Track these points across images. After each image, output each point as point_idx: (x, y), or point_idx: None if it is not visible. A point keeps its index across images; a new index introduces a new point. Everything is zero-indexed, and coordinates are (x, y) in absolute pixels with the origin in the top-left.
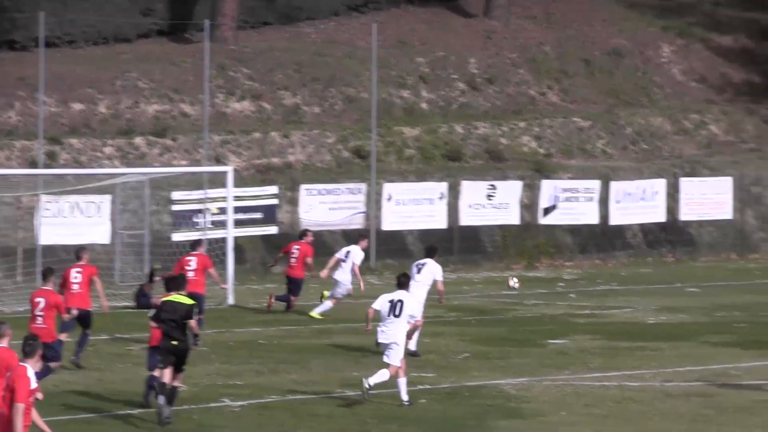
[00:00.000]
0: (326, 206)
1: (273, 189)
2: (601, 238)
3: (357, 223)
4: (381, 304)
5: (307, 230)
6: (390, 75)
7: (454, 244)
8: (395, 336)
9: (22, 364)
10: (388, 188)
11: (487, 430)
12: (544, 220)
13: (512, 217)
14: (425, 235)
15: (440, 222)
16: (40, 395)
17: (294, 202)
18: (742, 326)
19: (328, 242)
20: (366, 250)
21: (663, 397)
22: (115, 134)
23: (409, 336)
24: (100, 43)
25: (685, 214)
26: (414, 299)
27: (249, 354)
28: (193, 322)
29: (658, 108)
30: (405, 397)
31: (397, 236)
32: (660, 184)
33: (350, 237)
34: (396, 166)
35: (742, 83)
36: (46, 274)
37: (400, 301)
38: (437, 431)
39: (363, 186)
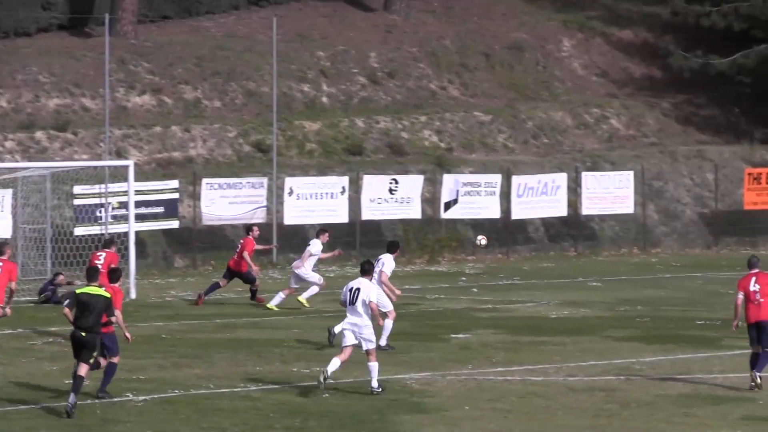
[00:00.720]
0: (227, 200)
1: (174, 183)
2: (503, 233)
3: (258, 217)
4: (344, 293)
5: (253, 225)
6: (290, 69)
7: (355, 238)
8: (358, 322)
9: None
10: (290, 182)
11: (390, 425)
12: (445, 215)
13: (414, 211)
14: (327, 228)
15: (342, 216)
16: None
17: (195, 196)
18: (644, 320)
19: (230, 236)
20: (269, 244)
21: (566, 392)
22: (16, 128)
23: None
24: (0, 36)
25: (587, 208)
26: (373, 286)
27: (152, 348)
28: (115, 317)
29: (559, 102)
30: (375, 384)
31: (298, 230)
32: (561, 179)
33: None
34: (297, 160)
35: (643, 77)
36: None
37: (358, 288)
38: (340, 426)
39: (264, 180)
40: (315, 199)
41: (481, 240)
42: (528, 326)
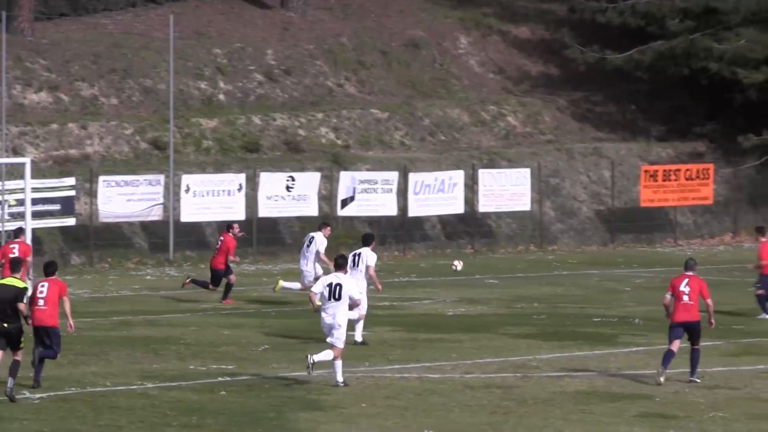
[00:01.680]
0: (124, 198)
1: (71, 180)
2: (400, 230)
3: (155, 215)
4: (320, 287)
5: (233, 223)
6: (187, 66)
7: (253, 235)
8: (337, 318)
9: None
10: (187, 180)
11: (286, 422)
12: (342, 212)
13: (311, 208)
14: (224, 226)
15: (239, 213)
16: None
17: (92, 193)
18: (541, 318)
19: (127, 234)
20: (166, 242)
21: (463, 389)
22: None
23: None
24: None
25: (484, 205)
26: (353, 280)
27: None
28: (22, 305)
29: (455, 100)
30: (340, 379)
31: (195, 228)
32: (458, 176)
33: (148, 229)
34: (194, 157)
35: (540, 75)
36: None
37: (339, 284)
38: (237, 423)
39: (161, 178)
40: (212, 197)
41: (457, 265)
42: (425, 324)
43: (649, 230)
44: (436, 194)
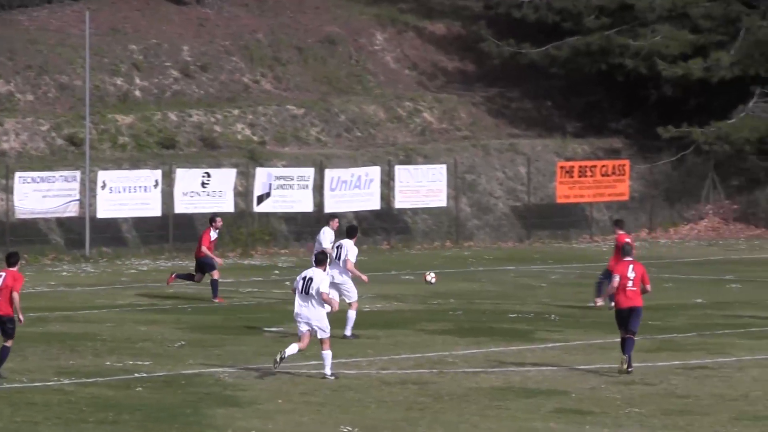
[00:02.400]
0: (40, 194)
1: None
2: (316, 226)
3: (72, 210)
4: (297, 282)
5: (216, 216)
6: (103, 63)
7: (169, 231)
8: (310, 312)
9: None
10: (103, 176)
11: (203, 418)
12: (258, 208)
13: (227, 204)
14: (140, 222)
15: (155, 210)
16: None
17: (8, 190)
18: (457, 314)
19: (43, 230)
20: (82, 238)
21: (379, 385)
22: None
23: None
24: None
25: (400, 201)
26: (325, 275)
27: None
28: None
29: (371, 96)
30: (328, 371)
31: (111, 224)
32: (375, 172)
33: (64, 225)
34: (110, 153)
35: (456, 71)
36: None
37: (310, 278)
38: (153, 419)
39: (77, 174)
40: (128, 193)
41: (430, 278)
42: (341, 319)
43: (565, 226)
44: (353, 190)
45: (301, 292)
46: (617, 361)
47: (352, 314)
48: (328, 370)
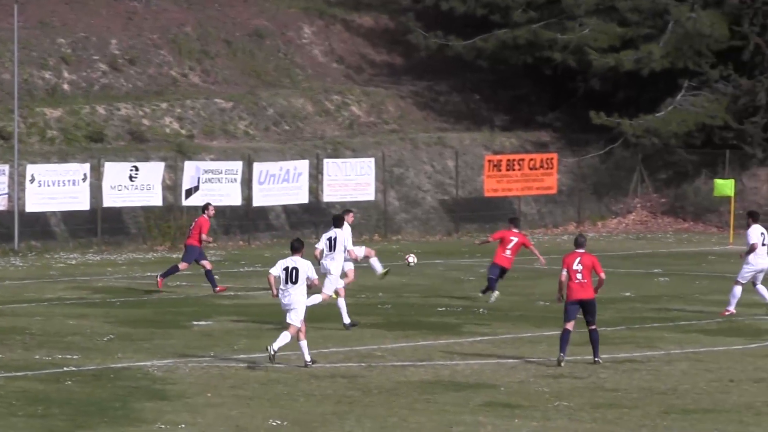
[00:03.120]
0: None
1: None
2: (245, 220)
3: (0, 204)
4: (278, 270)
5: (208, 204)
6: (31, 56)
7: (97, 225)
8: (295, 301)
9: None
10: (31, 170)
11: (132, 412)
12: (187, 202)
13: (155, 198)
14: (69, 216)
15: (83, 203)
16: None
17: None
18: (386, 307)
19: None
20: (11, 232)
21: (308, 379)
22: None
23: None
24: None
25: (329, 195)
26: (307, 262)
27: None
28: None
29: (299, 89)
30: (308, 358)
31: (40, 218)
32: (303, 166)
33: None
34: (39, 147)
35: (384, 64)
36: None
37: (295, 269)
38: (82, 413)
39: (6, 167)
40: (56, 187)
41: (412, 260)
42: (270, 313)
43: (493, 220)
44: (281, 184)
45: (287, 282)
46: (546, 354)
47: (342, 304)
48: (307, 357)
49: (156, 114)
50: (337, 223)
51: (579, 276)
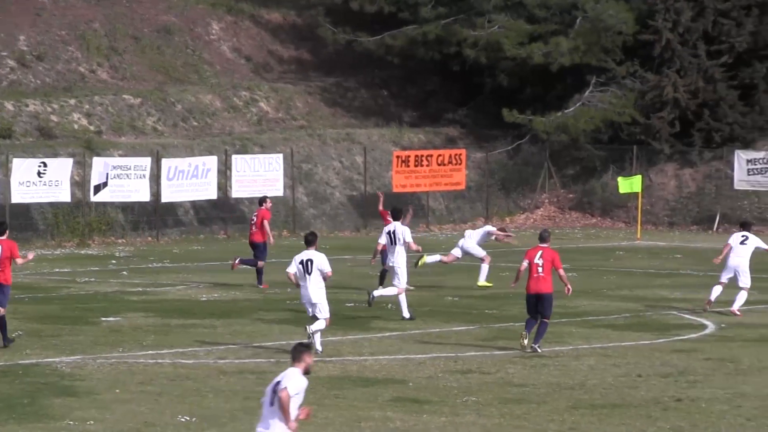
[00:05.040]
0: None
1: None
2: (153, 216)
3: None
4: (294, 267)
5: (266, 197)
6: None
7: (6, 221)
8: (314, 295)
9: None
10: None
11: (40, 408)
12: (95, 198)
13: (63, 194)
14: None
15: None
16: None
17: None
18: (295, 303)
19: None
20: None
21: (217, 375)
22: None
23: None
24: None
25: (237, 191)
26: (322, 255)
27: None
28: None
29: (208, 85)
30: (319, 347)
31: None
32: (211, 162)
33: None
34: None
35: (292, 60)
36: None
37: (309, 260)
38: None
39: None
40: None
41: (422, 257)
42: (179, 309)
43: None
44: (190, 180)
45: (304, 275)
46: (455, 350)
47: (402, 299)
48: (318, 345)
49: (64, 110)
50: (396, 216)
51: (540, 270)
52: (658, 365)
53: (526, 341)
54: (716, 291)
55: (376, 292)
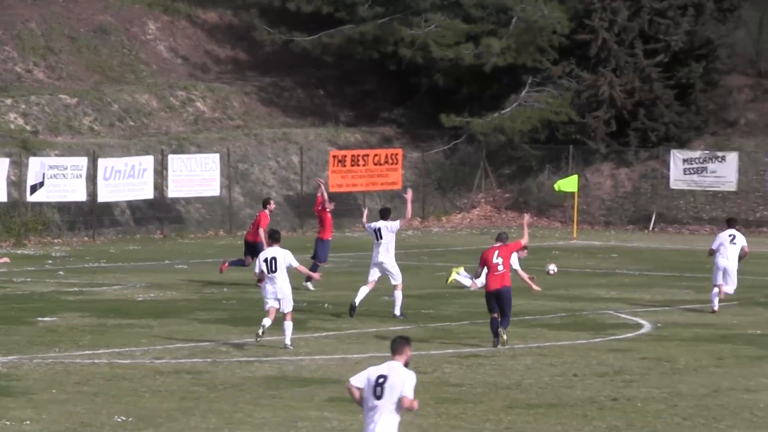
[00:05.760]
0: None
1: None
2: (90, 216)
3: None
4: (259, 265)
5: (269, 199)
6: None
7: None
8: (281, 290)
9: None
10: None
11: None
12: (32, 198)
13: None
14: None
15: None
16: None
17: None
18: (231, 303)
19: None
20: None
21: (153, 375)
22: None
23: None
24: None
25: (173, 191)
26: (286, 251)
27: None
28: None
29: (144, 85)
30: (288, 341)
31: None
32: (148, 161)
33: None
34: None
35: (228, 60)
36: None
37: (274, 258)
38: None
39: None
40: None
41: (552, 269)
42: (115, 309)
43: (338, 215)
44: (126, 180)
45: (269, 272)
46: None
47: (398, 294)
48: (288, 341)
49: (0, 110)
50: (385, 215)
51: (500, 268)
52: (595, 365)
53: (506, 336)
54: (716, 297)
55: (397, 312)
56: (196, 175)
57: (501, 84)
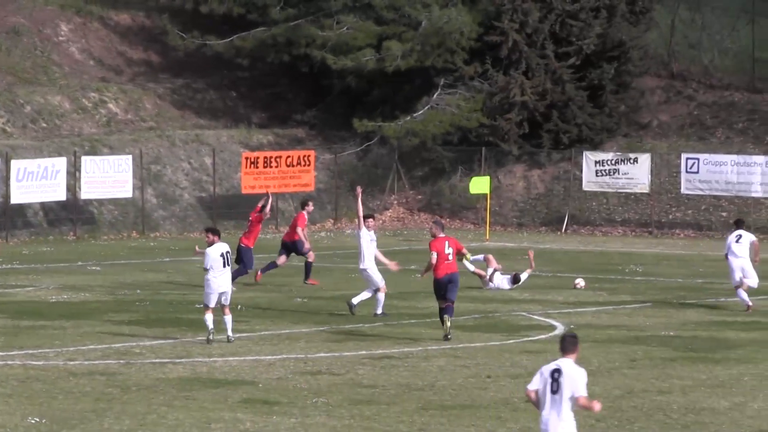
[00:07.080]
0: None
1: None
2: (2, 217)
3: None
4: (212, 260)
5: (308, 200)
6: None
7: None
8: (228, 283)
9: None
10: None
11: None
12: None
13: None
14: None
15: None
16: None
17: None
18: (144, 304)
19: None
20: None
21: (67, 376)
22: None
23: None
24: None
25: (86, 192)
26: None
27: None
28: None
29: (57, 87)
30: (230, 333)
31: None
32: (61, 163)
33: None
34: None
35: (141, 61)
36: None
37: (228, 252)
38: None
39: None
40: None
41: (580, 284)
42: (28, 311)
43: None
44: (39, 181)
45: (223, 266)
46: (305, 350)
47: (381, 296)
48: (230, 332)
49: None
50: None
51: (450, 257)
52: (508, 366)
53: (449, 323)
54: (743, 294)
55: (378, 311)
56: (108, 177)
57: (413, 85)
